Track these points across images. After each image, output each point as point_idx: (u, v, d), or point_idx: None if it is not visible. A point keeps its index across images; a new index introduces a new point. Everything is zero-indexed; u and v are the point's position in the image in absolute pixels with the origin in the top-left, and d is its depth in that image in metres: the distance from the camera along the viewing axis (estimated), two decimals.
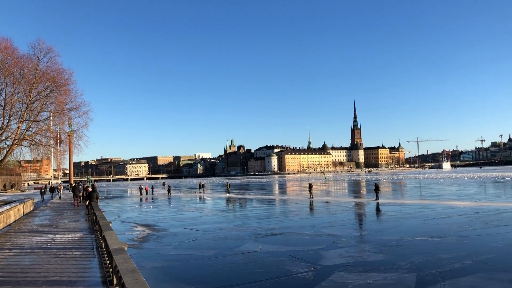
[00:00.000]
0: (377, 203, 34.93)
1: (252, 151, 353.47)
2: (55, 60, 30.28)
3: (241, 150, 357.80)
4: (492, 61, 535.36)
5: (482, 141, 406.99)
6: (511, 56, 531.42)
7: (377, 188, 38.85)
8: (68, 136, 44.33)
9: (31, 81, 28.14)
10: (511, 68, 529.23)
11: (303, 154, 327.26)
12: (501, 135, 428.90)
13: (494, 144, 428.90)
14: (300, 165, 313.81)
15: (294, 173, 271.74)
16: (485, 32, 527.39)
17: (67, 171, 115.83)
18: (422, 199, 39.06)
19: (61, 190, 45.03)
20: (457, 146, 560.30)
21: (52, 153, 39.22)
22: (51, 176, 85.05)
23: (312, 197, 42.99)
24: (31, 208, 27.49)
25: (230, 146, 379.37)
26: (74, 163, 79.42)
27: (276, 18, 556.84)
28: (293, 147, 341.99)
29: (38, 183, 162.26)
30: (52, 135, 35.41)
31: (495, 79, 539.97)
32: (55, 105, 30.88)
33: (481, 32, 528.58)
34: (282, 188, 78.61)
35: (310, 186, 44.95)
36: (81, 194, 31.64)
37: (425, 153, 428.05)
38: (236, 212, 35.52)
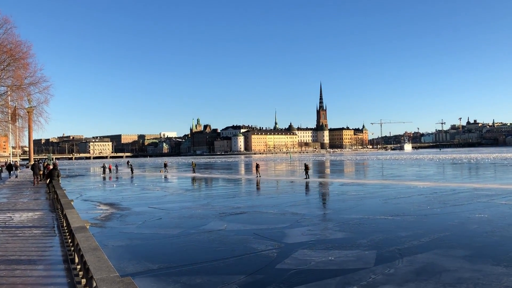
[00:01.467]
0: (307, 182, 37.05)
1: (219, 130, 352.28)
2: (12, 32, 29.03)
3: (208, 130, 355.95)
4: (453, 48, 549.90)
5: (442, 123, 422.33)
6: (471, 43, 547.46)
7: (306, 168, 41.40)
8: (28, 112, 42.70)
9: None
10: (471, 54, 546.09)
11: (269, 135, 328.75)
12: (460, 118, 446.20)
13: (453, 127, 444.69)
14: (266, 145, 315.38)
15: (260, 153, 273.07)
16: (447, 18, 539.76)
17: (27, 149, 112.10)
18: (384, 179, 40.15)
19: (18, 169, 43.52)
20: (418, 128, 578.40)
21: (10, 130, 37.83)
22: (10, 154, 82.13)
23: (259, 176, 44.61)
24: None
25: (196, 125, 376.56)
26: (34, 140, 76.92)
27: None
28: (260, 127, 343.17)
29: None
30: (10, 111, 34.10)
31: (456, 65, 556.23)
32: (12, 79, 29.69)
33: (443, 18, 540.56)
34: (248, 168, 78.94)
35: (257, 166, 46.73)
36: (41, 172, 30.74)
37: (388, 134, 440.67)
38: (202, 191, 35.48)
